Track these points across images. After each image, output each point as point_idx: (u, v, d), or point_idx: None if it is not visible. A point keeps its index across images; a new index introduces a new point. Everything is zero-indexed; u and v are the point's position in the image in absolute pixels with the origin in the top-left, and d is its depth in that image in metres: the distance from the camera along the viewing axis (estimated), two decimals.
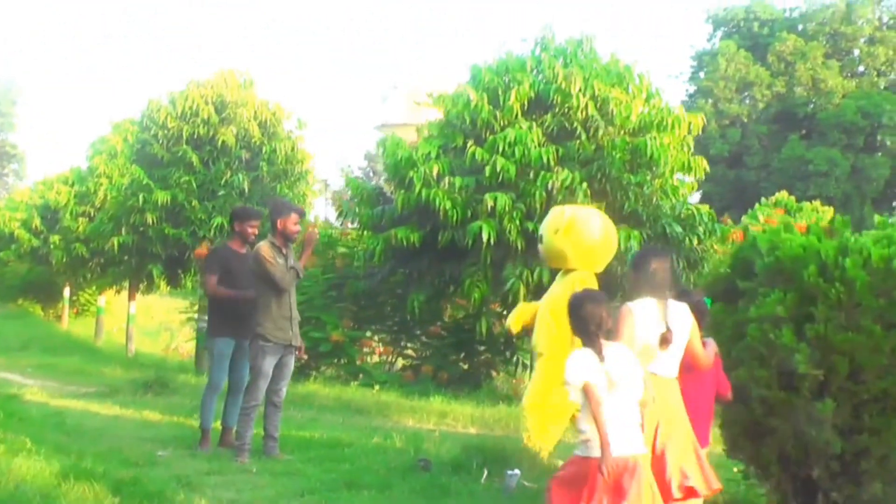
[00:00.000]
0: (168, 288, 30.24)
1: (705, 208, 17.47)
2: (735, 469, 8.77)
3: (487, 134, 16.92)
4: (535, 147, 16.31)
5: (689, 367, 7.02)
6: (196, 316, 22.43)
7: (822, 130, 56.13)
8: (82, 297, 39.67)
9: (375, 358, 19.64)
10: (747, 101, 59.93)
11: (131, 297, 29.25)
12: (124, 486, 8.44)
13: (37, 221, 34.01)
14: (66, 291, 37.83)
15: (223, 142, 22.07)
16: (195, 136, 22.22)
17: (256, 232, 11.61)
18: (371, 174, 63.73)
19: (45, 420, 12.51)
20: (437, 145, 17.04)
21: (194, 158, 21.97)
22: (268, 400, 10.83)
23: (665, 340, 6.73)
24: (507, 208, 15.95)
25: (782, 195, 34.33)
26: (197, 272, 21.79)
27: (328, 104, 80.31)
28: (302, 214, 11.16)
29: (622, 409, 6.13)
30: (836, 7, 60.31)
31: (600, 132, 16.64)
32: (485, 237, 15.86)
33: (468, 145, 16.63)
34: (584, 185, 16.02)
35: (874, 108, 55.05)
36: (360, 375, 18.34)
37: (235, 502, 8.61)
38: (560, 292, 9.96)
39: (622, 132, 16.94)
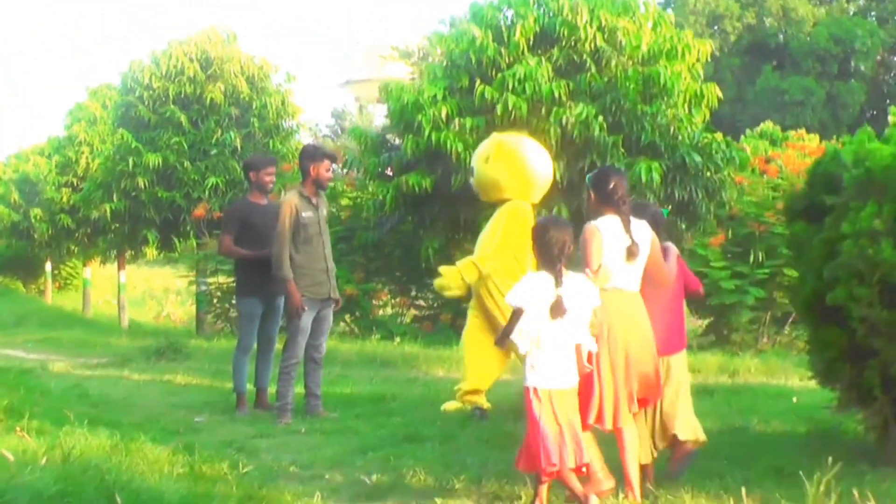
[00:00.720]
0: (155, 255, 29.75)
1: (720, 136, 16.96)
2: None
3: (494, 72, 16.36)
4: (546, 82, 15.77)
5: (652, 279, 7.04)
6: (195, 279, 21.85)
7: (795, 60, 55.74)
8: (64, 270, 39.08)
9: (388, 310, 19.11)
10: (718, 35, 59.37)
11: (121, 266, 28.67)
12: (178, 455, 7.92)
13: (15, 195, 33.17)
14: (48, 266, 37.18)
15: (211, 99, 21.51)
16: (182, 96, 21.66)
17: (274, 179, 11.10)
18: (339, 132, 62.84)
19: (67, 392, 11.95)
20: (443, 87, 16.45)
21: (183, 118, 21.39)
22: (307, 357, 10.29)
23: (632, 254, 6.73)
24: None
25: (767, 125, 34.01)
26: (194, 235, 21.19)
27: (288, 62, 79.00)
28: (334, 160, 10.63)
29: (564, 339, 6.43)
30: None
31: (613, 62, 16.10)
32: None
33: (476, 85, 16.06)
34: (600, 118, 15.50)
35: (846, 34, 54.62)
36: (374, 328, 17.81)
37: (298, 464, 8.07)
38: (495, 222, 9.85)
39: (632, 62, 16.39)
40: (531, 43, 16.49)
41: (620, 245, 6.71)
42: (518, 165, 9.72)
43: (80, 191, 27.50)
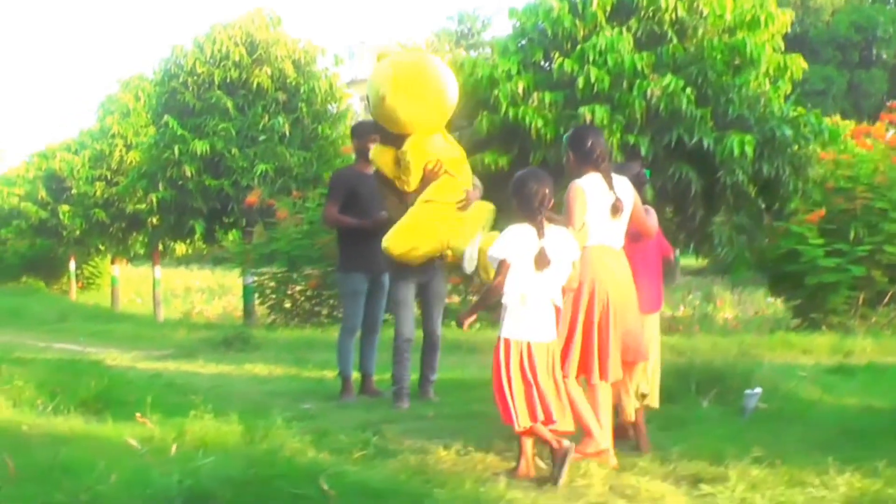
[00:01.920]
0: (185, 251, 29.08)
1: (802, 110, 16.20)
2: None
3: (569, 45, 15.67)
4: (628, 54, 15.05)
5: (635, 237, 7.12)
6: (244, 271, 21.14)
7: (815, 48, 54.81)
8: (87, 269, 38.45)
9: (455, 297, 18.33)
10: None
11: (155, 262, 27.92)
12: (321, 441, 7.19)
13: (42, 192, 32.38)
14: (72, 265, 36.51)
15: (258, 84, 20.80)
16: (227, 81, 20.90)
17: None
18: None
19: (151, 382, 11.14)
20: (517, 61, 15.73)
21: (229, 104, 20.70)
22: (425, 336, 9.56)
23: (616, 209, 6.74)
24: (605, 121, 14.69)
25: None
26: (245, 223, 20.46)
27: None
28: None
29: (546, 292, 6.43)
30: None
31: (699, 32, 15.38)
32: None
33: (555, 57, 15.33)
34: (688, 90, 14.77)
35: (867, 22, 53.78)
36: (446, 315, 16.99)
37: (452, 450, 7.31)
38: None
39: (716, 33, 15.66)
40: (608, 14, 15.75)
41: (605, 202, 6.73)
42: (423, 98, 8.86)
43: (115, 184, 26.87)
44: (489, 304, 6.74)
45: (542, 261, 6.32)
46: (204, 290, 38.30)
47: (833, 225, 15.28)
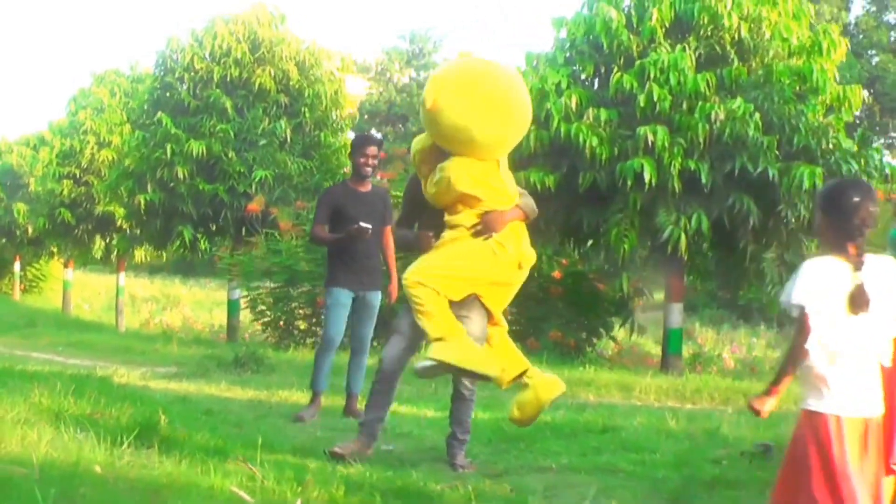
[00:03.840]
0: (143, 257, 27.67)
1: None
2: None
3: (622, 60, 14.58)
4: (691, 73, 13.98)
5: None
6: (229, 285, 19.82)
7: None
8: (30, 271, 36.86)
9: None
10: None
11: (120, 268, 26.37)
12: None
13: None
14: (17, 266, 34.87)
15: (260, 85, 19.46)
16: (227, 79, 19.53)
17: (375, 163, 9.35)
18: None
19: (188, 409, 9.77)
20: (566, 74, 14.60)
21: (228, 104, 19.33)
22: (454, 388, 7.66)
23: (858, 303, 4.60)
24: (665, 143, 13.61)
25: None
26: (247, 231, 19.11)
27: None
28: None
29: (866, 345, 4.62)
30: None
31: (769, 56, 14.44)
32: (647, 177, 13.55)
33: (613, 72, 14.23)
34: (758, 115, 13.72)
35: None
36: None
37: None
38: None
39: (781, 57, 14.67)
40: (665, 30, 14.70)
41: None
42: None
43: (85, 183, 25.36)
44: (794, 370, 4.73)
45: (859, 302, 4.55)
46: (148, 299, 36.88)
47: None
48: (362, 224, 8.84)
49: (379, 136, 13.49)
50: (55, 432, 7.07)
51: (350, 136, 21.33)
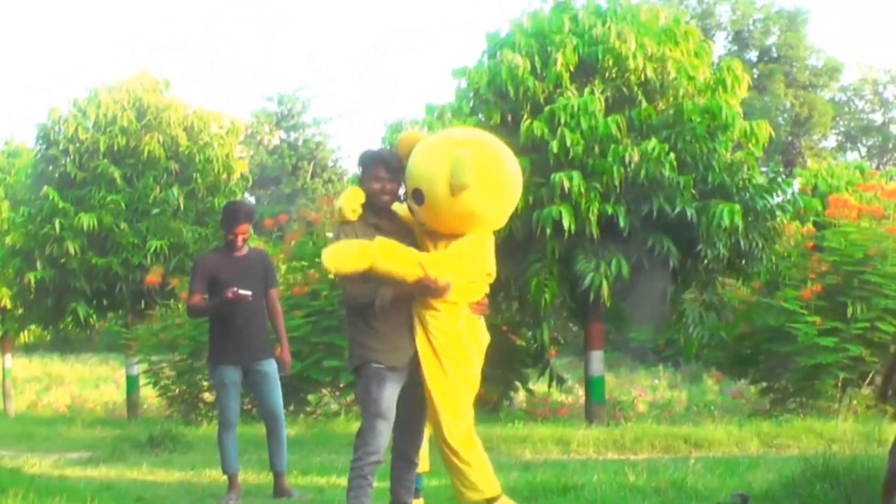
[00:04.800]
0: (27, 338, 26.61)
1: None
2: None
3: (529, 106, 14.33)
4: (602, 116, 13.79)
5: None
6: (128, 361, 19.07)
7: None
8: None
9: None
10: None
11: (5, 349, 25.25)
12: None
13: None
14: None
15: (149, 152, 18.86)
16: (114, 149, 18.87)
17: (247, 237, 8.86)
18: None
19: (114, 497, 9.10)
20: (473, 123, 14.27)
21: (116, 174, 18.69)
22: (397, 453, 6.73)
23: None
24: (581, 189, 13.36)
25: None
26: (146, 304, 18.42)
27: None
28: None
29: None
30: None
31: (677, 94, 14.32)
32: (566, 224, 13.24)
33: (522, 119, 13.98)
34: (672, 155, 13.56)
35: None
36: None
37: None
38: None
39: (688, 95, 14.57)
40: (570, 74, 14.50)
41: None
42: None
43: None
44: None
45: None
46: (31, 379, 35.53)
47: (820, 301, 14.18)
48: (240, 291, 8.38)
49: (252, 203, 13.05)
50: None
51: (247, 198, 20.86)
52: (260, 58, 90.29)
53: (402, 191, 6.70)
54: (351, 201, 6.43)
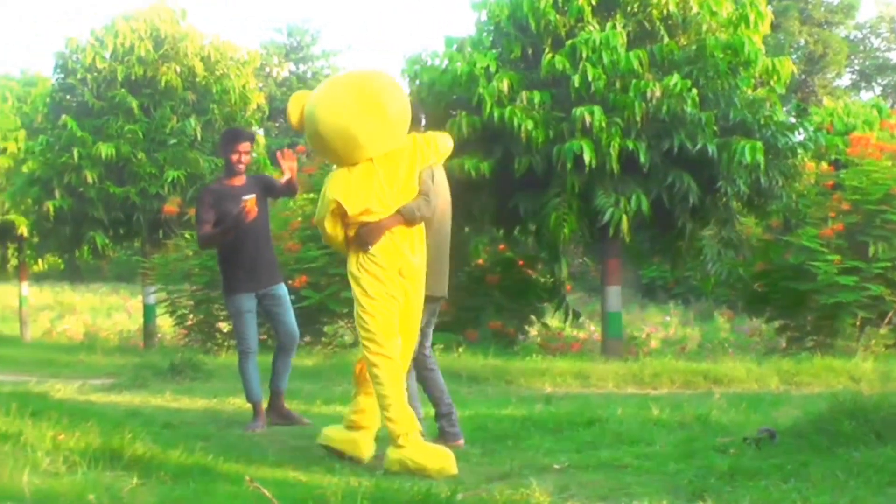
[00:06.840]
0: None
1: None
2: None
3: (550, 41, 14.25)
4: (624, 51, 13.71)
5: None
6: (145, 289, 19.15)
7: None
8: None
9: None
10: None
11: (22, 277, 25.35)
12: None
13: None
14: None
15: (166, 82, 18.78)
16: (132, 79, 18.83)
17: (248, 159, 9.07)
18: None
19: (141, 422, 9.15)
20: (494, 57, 14.22)
21: (134, 104, 18.68)
22: (416, 370, 7.75)
23: None
24: (602, 124, 13.32)
25: None
26: (164, 234, 18.48)
27: None
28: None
29: None
30: None
31: (702, 29, 14.25)
32: (586, 159, 13.22)
33: (544, 53, 13.92)
34: (694, 91, 13.50)
35: None
36: None
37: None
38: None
39: (711, 31, 14.48)
40: (592, 8, 14.41)
41: None
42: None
43: None
44: None
45: None
46: (43, 307, 35.71)
47: (840, 240, 14.17)
48: (244, 198, 8.41)
49: (251, 130, 13.13)
50: (26, 459, 6.57)
51: (260, 131, 20.85)
52: None
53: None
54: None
